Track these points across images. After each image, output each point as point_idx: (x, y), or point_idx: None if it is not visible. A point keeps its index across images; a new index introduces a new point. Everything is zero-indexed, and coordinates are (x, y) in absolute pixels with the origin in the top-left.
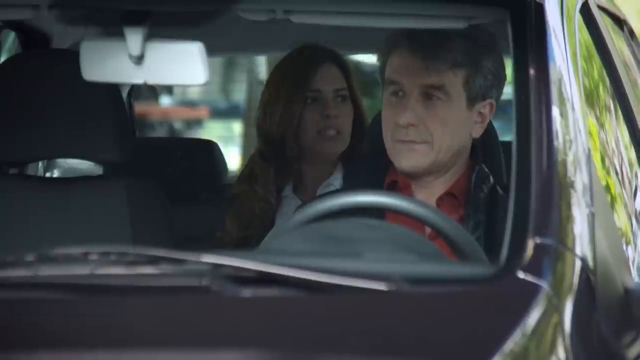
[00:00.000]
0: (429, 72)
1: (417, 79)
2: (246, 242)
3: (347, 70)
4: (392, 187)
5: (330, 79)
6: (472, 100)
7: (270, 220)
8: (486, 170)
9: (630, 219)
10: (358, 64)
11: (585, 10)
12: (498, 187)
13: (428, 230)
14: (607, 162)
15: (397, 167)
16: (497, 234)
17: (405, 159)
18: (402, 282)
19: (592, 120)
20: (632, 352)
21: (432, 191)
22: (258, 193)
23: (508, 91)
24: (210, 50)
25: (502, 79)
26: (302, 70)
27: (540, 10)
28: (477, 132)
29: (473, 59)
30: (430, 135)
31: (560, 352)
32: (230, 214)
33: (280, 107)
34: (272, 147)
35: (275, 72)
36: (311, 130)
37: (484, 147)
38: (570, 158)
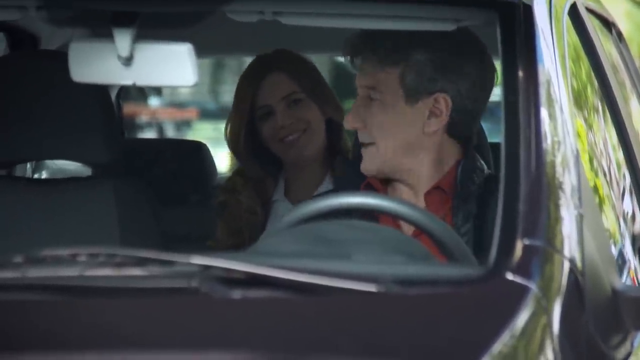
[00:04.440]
0: (363, 75)
1: (359, 82)
2: (237, 249)
3: (297, 72)
4: (368, 189)
5: (276, 88)
6: (412, 96)
7: (260, 227)
8: (478, 162)
9: (618, 220)
10: (343, 64)
11: (574, 13)
12: (493, 179)
13: (411, 229)
14: (595, 163)
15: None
16: (489, 226)
17: (362, 162)
18: (391, 284)
19: (580, 122)
20: (620, 353)
21: (413, 190)
22: (243, 203)
23: (497, 92)
24: (200, 52)
25: (449, 70)
26: (245, 89)
27: (528, 12)
28: (432, 127)
29: (401, 55)
30: (374, 137)
31: (549, 353)
32: (220, 223)
33: (232, 127)
34: (241, 165)
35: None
36: (273, 142)
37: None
38: (558, 159)
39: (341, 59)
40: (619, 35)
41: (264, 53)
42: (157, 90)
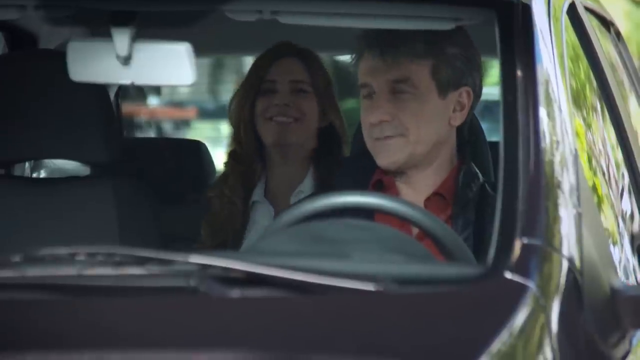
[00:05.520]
0: (392, 68)
1: (383, 77)
2: (221, 247)
3: (312, 65)
4: (378, 187)
5: (287, 70)
6: (444, 89)
7: (240, 224)
8: (474, 169)
9: (616, 219)
10: (341, 64)
11: (572, 12)
12: (487, 186)
13: (415, 230)
14: (594, 162)
15: (378, 164)
16: (487, 232)
17: (383, 155)
18: (390, 283)
19: (579, 121)
20: (619, 351)
21: (419, 191)
22: (225, 195)
23: (496, 92)
24: (198, 51)
25: (475, 65)
26: (260, 63)
27: (527, 11)
28: (457, 120)
29: (435, 48)
30: (406, 128)
31: (547, 352)
32: (203, 221)
33: (236, 98)
34: (236, 142)
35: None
36: (263, 119)
37: (472, 148)
38: (557, 159)
39: (340, 58)
40: (618, 34)
41: (290, 41)
42: (156, 90)
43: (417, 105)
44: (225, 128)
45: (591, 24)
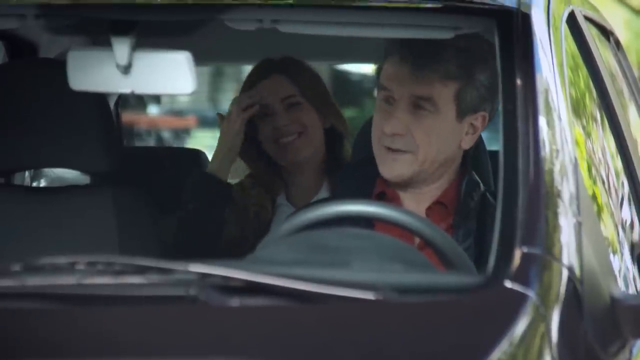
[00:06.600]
0: (418, 82)
1: (407, 87)
2: (243, 243)
3: (298, 77)
4: (380, 199)
5: (276, 89)
6: (463, 112)
7: (266, 224)
8: (476, 178)
9: (616, 228)
10: (341, 72)
11: (572, 21)
12: (488, 195)
13: (417, 240)
14: (593, 171)
15: (381, 174)
16: (488, 242)
17: (389, 168)
18: (390, 292)
19: (578, 130)
20: None
21: (421, 201)
22: (253, 198)
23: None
24: (198, 60)
25: (496, 92)
26: (249, 87)
27: (526, 20)
28: (467, 143)
29: (465, 72)
30: (416, 145)
31: None
32: (229, 214)
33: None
34: (246, 163)
35: None
36: (269, 143)
37: (472, 157)
38: (557, 167)
39: (340, 67)
40: (617, 43)
41: (270, 57)
42: (156, 99)
43: (433, 124)
44: None
45: (591, 33)
